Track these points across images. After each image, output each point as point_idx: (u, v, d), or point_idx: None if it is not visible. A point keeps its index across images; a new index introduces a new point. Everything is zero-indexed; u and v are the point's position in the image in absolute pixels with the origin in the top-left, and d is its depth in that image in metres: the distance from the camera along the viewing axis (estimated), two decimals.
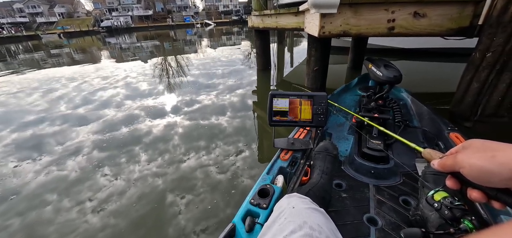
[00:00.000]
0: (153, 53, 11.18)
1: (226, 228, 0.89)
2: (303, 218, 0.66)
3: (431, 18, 2.27)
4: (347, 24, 2.36)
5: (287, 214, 0.71)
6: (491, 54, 2.03)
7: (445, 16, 2.25)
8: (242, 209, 0.97)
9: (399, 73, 1.64)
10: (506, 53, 1.97)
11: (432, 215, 0.86)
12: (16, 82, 6.51)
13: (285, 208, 0.74)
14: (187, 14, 54.21)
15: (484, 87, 2.12)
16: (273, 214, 0.78)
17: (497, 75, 2.04)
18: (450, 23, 2.27)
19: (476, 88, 2.16)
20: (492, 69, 2.05)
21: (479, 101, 2.19)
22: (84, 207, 1.85)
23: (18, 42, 27.86)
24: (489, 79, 2.08)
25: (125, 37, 26.75)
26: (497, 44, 1.99)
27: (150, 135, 2.90)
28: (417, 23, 2.29)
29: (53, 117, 3.74)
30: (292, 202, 0.77)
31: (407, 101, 2.21)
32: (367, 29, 2.35)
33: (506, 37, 1.94)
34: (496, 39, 1.99)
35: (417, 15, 2.26)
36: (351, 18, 2.33)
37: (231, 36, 18.39)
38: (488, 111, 2.17)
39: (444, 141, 1.48)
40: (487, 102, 2.15)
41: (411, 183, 1.27)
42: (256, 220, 0.91)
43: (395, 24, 2.31)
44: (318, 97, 1.29)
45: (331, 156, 1.17)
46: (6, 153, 2.72)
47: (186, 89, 4.85)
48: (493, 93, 2.10)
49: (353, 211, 1.12)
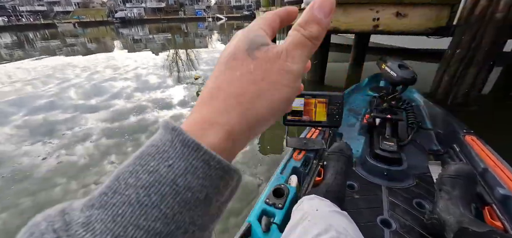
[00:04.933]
0: (165, 46, 11.55)
1: (242, 228, 0.89)
2: (328, 221, 0.67)
3: (411, 18, 2.57)
4: (337, 21, 2.69)
5: (311, 216, 0.71)
6: (460, 51, 2.34)
7: (424, 16, 2.55)
8: (257, 209, 0.97)
9: (414, 73, 1.57)
10: (472, 49, 2.27)
11: (450, 219, 0.85)
12: (32, 69, 6.94)
13: (308, 211, 0.74)
14: (199, 8, 54.69)
15: (453, 80, 2.43)
16: (294, 216, 0.78)
17: (465, 69, 2.35)
18: (429, 23, 2.57)
19: (446, 81, 2.47)
20: (460, 64, 2.36)
21: (449, 92, 2.49)
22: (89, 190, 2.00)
23: (36, 30, 28.82)
24: (458, 73, 2.38)
25: (137, 28, 27.40)
26: (465, 41, 2.29)
27: (156, 124, 3.17)
28: (399, 22, 2.60)
29: (66, 106, 3.99)
30: (314, 204, 0.77)
31: (420, 103, 2.20)
32: (355, 26, 2.67)
33: (472, 35, 2.24)
34: (464, 37, 2.29)
35: (399, 15, 2.57)
36: (340, 16, 2.66)
37: None
38: (457, 101, 2.47)
39: (459, 144, 1.43)
40: (456, 93, 2.45)
41: (425, 186, 1.25)
42: (272, 220, 0.91)
43: (379, 22, 2.63)
44: (334, 98, 1.27)
45: (345, 156, 1.16)
46: (18, 136, 2.96)
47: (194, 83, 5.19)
48: (461, 85, 2.41)
49: (366, 213, 1.11)
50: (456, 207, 0.88)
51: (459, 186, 0.93)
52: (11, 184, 2.12)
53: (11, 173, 2.27)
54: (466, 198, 0.91)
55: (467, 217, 0.83)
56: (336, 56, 7.47)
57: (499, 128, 2.51)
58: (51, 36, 19.21)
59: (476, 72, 2.31)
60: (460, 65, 2.35)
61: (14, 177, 2.21)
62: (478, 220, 0.82)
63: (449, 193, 0.93)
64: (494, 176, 1.09)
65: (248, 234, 0.89)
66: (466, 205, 0.89)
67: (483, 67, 2.29)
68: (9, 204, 1.93)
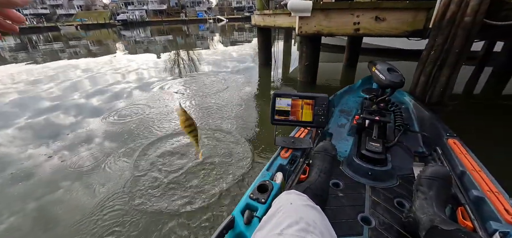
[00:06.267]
0: (166, 48, 11.73)
1: (225, 220, 0.93)
2: (299, 214, 0.71)
3: (390, 21, 2.73)
4: (320, 25, 2.85)
5: (285, 209, 0.75)
6: (434, 52, 2.48)
7: (401, 20, 2.70)
8: (242, 203, 1.02)
9: (402, 77, 1.62)
10: (445, 51, 2.41)
11: (423, 217, 0.90)
12: (35, 71, 7.10)
13: (284, 204, 0.79)
14: (200, 10, 55.03)
15: (429, 80, 2.57)
16: (271, 209, 0.83)
17: (439, 70, 2.49)
18: (406, 26, 2.73)
19: (423, 82, 2.61)
20: (434, 65, 2.50)
21: (425, 92, 2.63)
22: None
23: (39, 33, 29.20)
24: (433, 73, 2.53)
25: (139, 30, 27.64)
26: (438, 43, 2.43)
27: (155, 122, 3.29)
28: (378, 26, 2.76)
29: (67, 106, 4.06)
30: (290, 198, 0.82)
31: (409, 105, 2.25)
32: (337, 30, 2.83)
33: (444, 38, 2.38)
34: (437, 39, 2.44)
35: (378, 19, 2.72)
36: (323, 20, 2.82)
37: (243, 32, 18.84)
38: (433, 100, 2.61)
39: (442, 147, 1.49)
40: (432, 93, 2.59)
41: (407, 186, 1.30)
42: (254, 214, 0.97)
43: (360, 26, 2.78)
44: (320, 99, 1.34)
45: (329, 156, 1.20)
46: (20, 137, 3.02)
47: (195, 83, 5.36)
48: (436, 85, 2.55)
49: (349, 210, 1.16)
50: (431, 207, 0.93)
51: (435, 187, 0.98)
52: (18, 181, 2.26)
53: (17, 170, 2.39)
54: (441, 199, 0.96)
55: (438, 217, 0.87)
56: (330, 57, 7.61)
57: (487, 131, 2.64)
58: (54, 39, 19.49)
59: (449, 73, 2.45)
60: (434, 66, 2.49)
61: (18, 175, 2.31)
62: (449, 220, 0.87)
63: (425, 193, 0.98)
64: (470, 178, 1.15)
65: (231, 226, 0.94)
66: (440, 205, 0.94)
67: (456, 68, 2.43)
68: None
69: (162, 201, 1.87)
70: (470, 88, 4.25)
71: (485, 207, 1.01)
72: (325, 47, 8.37)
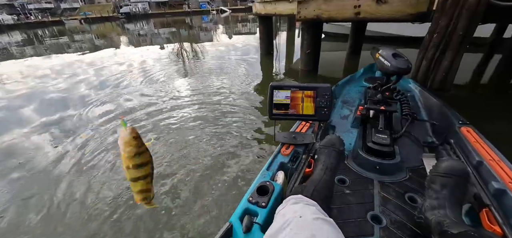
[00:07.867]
0: (170, 40, 11.78)
1: (223, 228, 0.85)
2: (311, 230, 0.63)
3: (392, 4, 2.64)
4: (319, 9, 2.78)
5: (293, 224, 0.67)
6: (436, 35, 2.39)
7: (404, 2, 2.60)
8: (240, 208, 0.93)
9: (409, 63, 1.51)
10: (448, 34, 2.32)
11: (433, 219, 0.84)
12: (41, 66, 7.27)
13: (291, 217, 0.70)
14: (203, 1, 54.48)
15: (431, 64, 2.49)
16: (276, 221, 0.74)
17: (441, 54, 2.41)
18: (410, 9, 2.63)
19: (425, 65, 2.53)
20: (437, 49, 2.41)
21: (427, 78, 2.56)
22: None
23: (44, 27, 29.49)
24: (435, 57, 2.45)
25: (142, 23, 27.64)
26: (441, 26, 2.35)
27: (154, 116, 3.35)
28: (380, 9, 2.67)
29: (74, 99, 4.20)
30: (298, 210, 0.73)
31: (415, 93, 2.16)
32: (337, 14, 2.75)
33: (447, 20, 2.30)
34: (440, 22, 2.35)
35: (380, 1, 2.64)
36: (322, 4, 2.74)
37: (247, 23, 18.70)
38: (435, 86, 2.54)
39: (454, 136, 1.39)
40: (434, 78, 2.52)
41: (418, 179, 1.22)
42: (254, 220, 0.88)
43: (360, 9, 2.70)
44: (322, 89, 1.23)
45: (336, 151, 1.11)
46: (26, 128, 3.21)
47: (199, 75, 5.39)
48: (438, 69, 2.47)
49: (357, 209, 1.08)
50: (442, 207, 0.85)
51: (449, 186, 0.90)
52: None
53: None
54: (455, 198, 0.88)
55: (449, 218, 0.80)
56: (332, 45, 7.49)
57: (498, 117, 2.54)
58: (59, 33, 19.62)
59: (452, 57, 2.37)
60: (437, 50, 2.41)
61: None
62: (459, 221, 0.80)
63: (437, 192, 0.90)
64: (489, 169, 1.06)
65: (229, 235, 0.86)
66: (454, 206, 0.86)
67: (459, 52, 2.35)
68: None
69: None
70: (478, 76, 4.11)
71: (507, 201, 0.92)
72: (328, 36, 8.24)
